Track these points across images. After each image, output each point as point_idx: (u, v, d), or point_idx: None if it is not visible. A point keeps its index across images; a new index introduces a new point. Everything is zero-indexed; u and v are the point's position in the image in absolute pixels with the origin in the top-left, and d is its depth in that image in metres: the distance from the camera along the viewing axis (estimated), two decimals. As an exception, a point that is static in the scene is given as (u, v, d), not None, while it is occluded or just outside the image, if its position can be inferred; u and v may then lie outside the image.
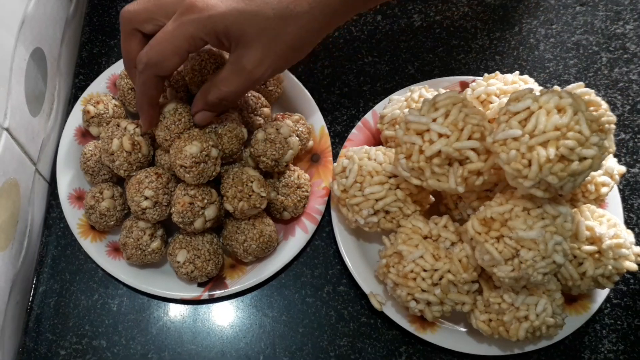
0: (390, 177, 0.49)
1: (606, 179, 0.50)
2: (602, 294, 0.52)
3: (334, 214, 0.54)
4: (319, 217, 0.54)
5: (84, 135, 0.57)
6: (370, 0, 0.44)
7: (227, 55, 0.53)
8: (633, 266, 0.47)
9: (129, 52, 0.45)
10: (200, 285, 0.52)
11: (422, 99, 0.52)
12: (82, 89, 0.59)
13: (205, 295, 0.51)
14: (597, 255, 0.47)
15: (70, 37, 0.61)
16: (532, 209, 0.43)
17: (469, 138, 0.43)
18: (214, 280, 0.52)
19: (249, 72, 0.42)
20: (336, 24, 0.43)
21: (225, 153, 0.50)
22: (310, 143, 0.56)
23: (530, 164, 0.40)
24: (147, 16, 0.43)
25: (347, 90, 0.61)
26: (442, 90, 0.48)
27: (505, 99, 0.49)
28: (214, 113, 0.48)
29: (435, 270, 0.46)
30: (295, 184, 0.53)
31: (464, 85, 0.58)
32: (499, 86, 0.51)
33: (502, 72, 0.55)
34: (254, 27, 0.40)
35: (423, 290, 0.46)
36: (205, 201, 0.48)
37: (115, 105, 0.55)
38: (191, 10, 0.40)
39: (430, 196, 0.52)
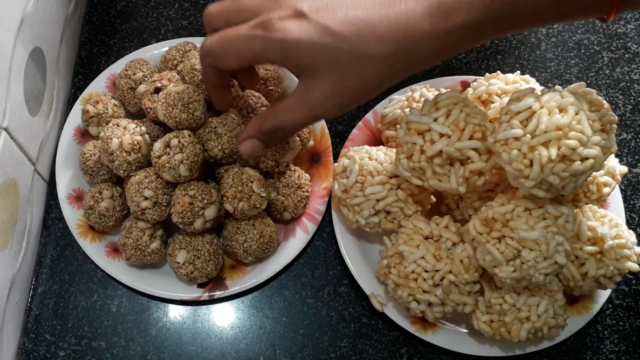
0: (391, 177, 0.49)
1: (608, 179, 0.50)
2: (604, 295, 0.52)
3: (334, 214, 0.53)
4: (319, 218, 0.54)
5: (83, 135, 0.56)
6: (451, 50, 0.39)
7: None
8: (635, 267, 0.47)
9: (211, 80, 0.45)
10: (200, 286, 0.52)
11: (423, 99, 0.52)
12: (82, 88, 0.59)
13: (205, 296, 0.51)
14: (599, 256, 0.47)
15: (69, 36, 0.61)
16: (533, 209, 0.43)
17: (471, 138, 0.43)
18: (214, 281, 0.52)
19: (315, 106, 0.40)
20: (417, 69, 0.39)
21: (225, 153, 0.50)
22: (311, 143, 0.56)
23: (531, 164, 0.40)
24: (225, 19, 0.41)
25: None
26: (443, 90, 0.47)
27: (506, 99, 0.49)
28: (263, 144, 0.45)
29: (437, 270, 0.46)
30: (296, 184, 0.53)
31: (465, 85, 0.58)
32: (500, 86, 0.51)
33: (504, 72, 0.54)
34: (327, 60, 0.38)
35: (424, 291, 0.46)
36: (205, 201, 0.48)
37: (115, 105, 0.55)
38: (267, 28, 0.38)
39: (432, 196, 0.52)
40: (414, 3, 0.37)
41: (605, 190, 0.50)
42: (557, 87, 0.41)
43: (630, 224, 0.57)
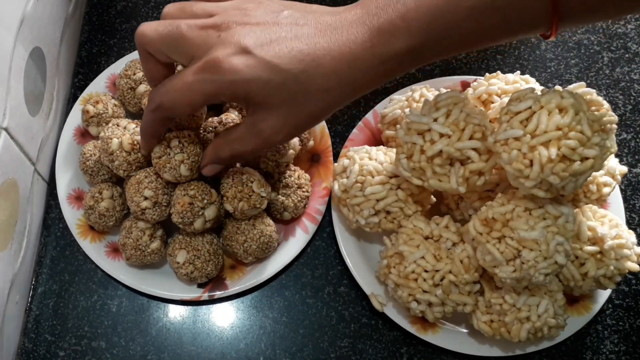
0: (391, 177, 0.49)
1: (608, 179, 0.50)
2: (603, 295, 0.52)
3: (334, 214, 0.53)
4: (319, 218, 0.54)
5: (83, 135, 0.56)
6: (395, 73, 0.41)
7: None
8: (635, 267, 0.47)
9: (148, 70, 0.44)
10: (200, 286, 0.52)
11: (423, 99, 0.52)
12: (82, 88, 0.59)
13: (205, 296, 0.51)
14: (599, 256, 0.47)
15: (69, 36, 0.61)
16: (533, 209, 0.43)
17: (471, 138, 0.43)
18: (214, 281, 0.52)
19: (266, 137, 0.41)
20: (359, 95, 0.41)
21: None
22: (311, 143, 0.56)
23: (531, 164, 0.40)
24: (161, 48, 0.41)
25: (347, 90, 0.61)
26: (443, 90, 0.47)
27: (506, 99, 0.49)
28: (222, 166, 0.47)
29: (437, 271, 0.46)
30: (296, 184, 0.53)
31: (465, 85, 0.58)
32: (500, 86, 0.51)
33: (504, 72, 0.54)
34: (276, 96, 0.39)
35: (424, 291, 0.46)
36: (205, 201, 0.48)
37: (115, 105, 0.55)
38: (214, 70, 0.38)
39: (432, 196, 0.52)
40: (355, 31, 0.38)
41: (605, 190, 0.50)
42: (557, 87, 0.41)
43: (630, 224, 0.57)
